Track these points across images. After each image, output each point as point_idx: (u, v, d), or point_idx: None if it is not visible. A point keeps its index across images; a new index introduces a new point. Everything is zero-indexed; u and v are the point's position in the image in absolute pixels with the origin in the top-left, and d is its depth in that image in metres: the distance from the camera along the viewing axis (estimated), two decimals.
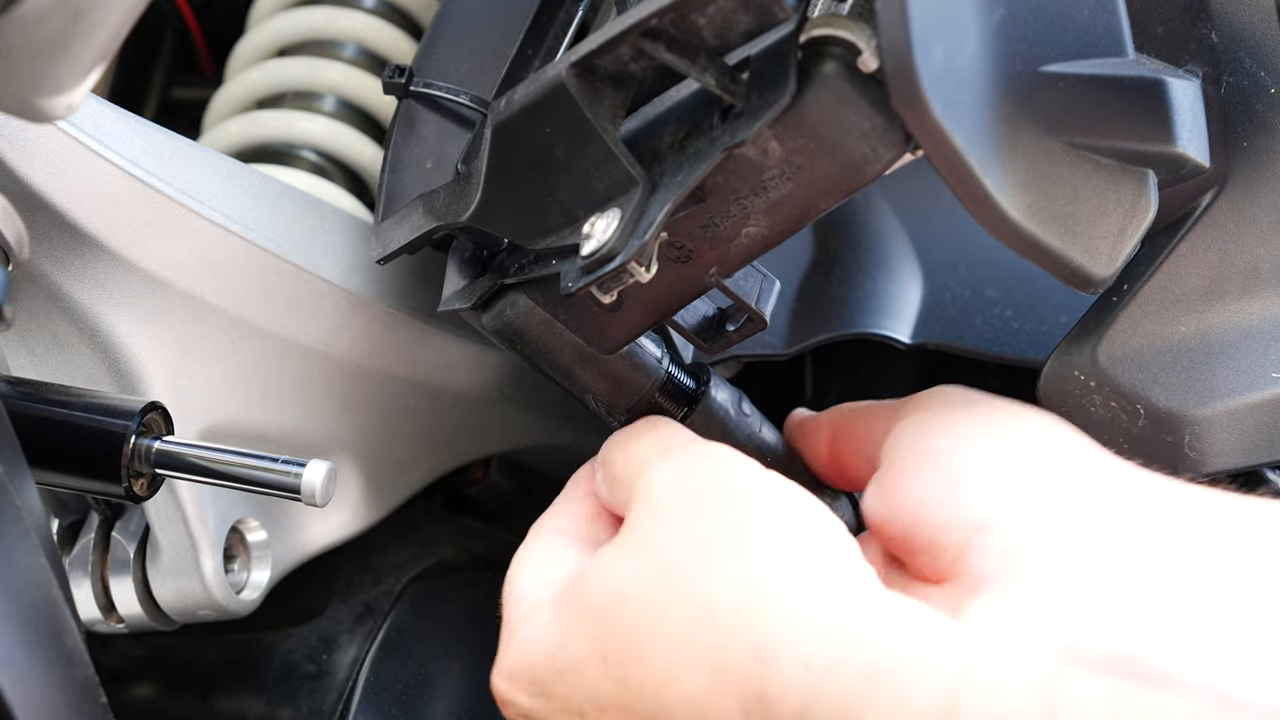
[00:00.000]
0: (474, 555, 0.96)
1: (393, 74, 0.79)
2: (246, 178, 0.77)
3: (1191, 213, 0.68)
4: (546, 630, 0.64)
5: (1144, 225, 0.63)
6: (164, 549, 0.77)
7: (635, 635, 0.61)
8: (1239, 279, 0.67)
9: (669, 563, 0.62)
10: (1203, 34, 0.68)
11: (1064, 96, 0.61)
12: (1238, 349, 0.66)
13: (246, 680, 0.88)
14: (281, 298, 0.77)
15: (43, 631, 0.55)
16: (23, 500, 0.57)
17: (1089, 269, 0.61)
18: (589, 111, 0.61)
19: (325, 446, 0.82)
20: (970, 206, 0.58)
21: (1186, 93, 0.65)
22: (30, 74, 0.55)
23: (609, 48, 0.60)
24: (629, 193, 0.62)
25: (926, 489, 0.65)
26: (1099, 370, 0.68)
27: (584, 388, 0.72)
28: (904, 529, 0.66)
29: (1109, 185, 0.62)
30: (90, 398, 0.66)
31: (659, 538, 0.63)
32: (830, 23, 0.58)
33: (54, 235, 0.69)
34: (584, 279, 0.62)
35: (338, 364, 0.81)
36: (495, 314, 0.69)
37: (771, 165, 0.61)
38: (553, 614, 0.64)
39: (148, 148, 0.71)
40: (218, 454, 0.66)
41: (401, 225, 0.74)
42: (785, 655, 0.58)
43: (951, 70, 0.56)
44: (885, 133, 0.59)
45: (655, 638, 0.61)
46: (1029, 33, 0.60)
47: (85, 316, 0.72)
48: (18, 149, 0.66)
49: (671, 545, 0.62)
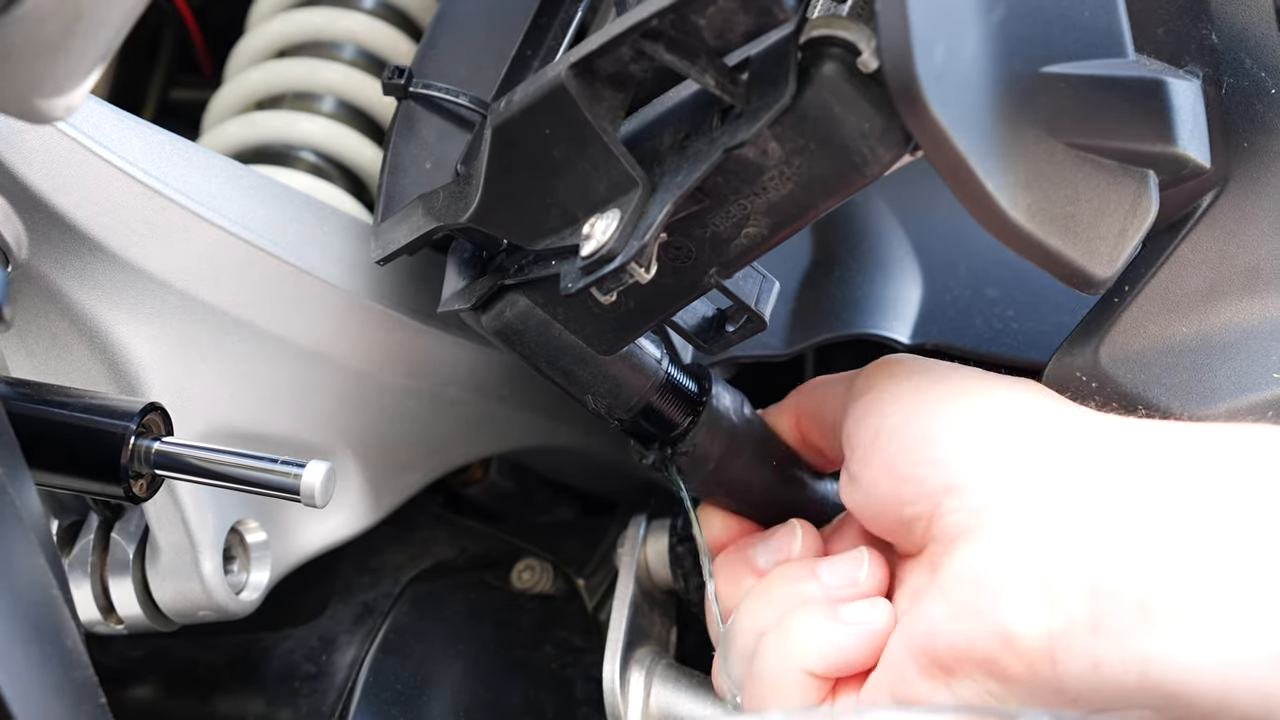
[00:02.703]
0: (473, 556, 0.96)
1: (392, 75, 0.79)
2: (246, 179, 0.77)
3: (1192, 213, 0.68)
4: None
5: (1145, 226, 0.63)
6: (163, 550, 0.76)
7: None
8: (1240, 279, 0.67)
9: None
10: (1203, 34, 0.68)
11: (1064, 97, 0.61)
12: (1239, 349, 0.66)
13: (246, 681, 0.88)
14: (280, 298, 0.77)
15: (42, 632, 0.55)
16: (22, 501, 0.57)
17: (1090, 270, 0.61)
18: (589, 112, 0.61)
19: (324, 447, 0.82)
20: (971, 207, 0.58)
21: (1187, 93, 0.65)
22: (30, 75, 0.55)
23: (609, 49, 0.60)
24: (629, 193, 0.62)
25: (888, 467, 0.66)
26: (1101, 371, 0.68)
27: (583, 388, 0.72)
28: (876, 512, 0.67)
29: (1110, 186, 0.62)
30: (90, 399, 0.66)
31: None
32: (830, 23, 0.58)
33: (53, 236, 0.68)
34: (583, 280, 0.62)
35: (337, 365, 0.80)
36: (495, 315, 0.69)
37: (771, 166, 0.61)
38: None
39: (147, 149, 0.71)
40: (217, 455, 0.66)
41: (401, 226, 0.74)
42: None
43: (952, 71, 0.56)
44: (885, 133, 0.59)
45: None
46: (1029, 33, 0.60)
47: (85, 317, 0.71)
48: (17, 150, 0.66)
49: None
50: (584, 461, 1.00)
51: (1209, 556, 0.57)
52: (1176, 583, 0.57)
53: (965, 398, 0.66)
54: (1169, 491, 0.59)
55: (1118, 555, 0.58)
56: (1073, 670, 0.58)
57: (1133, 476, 0.60)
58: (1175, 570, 0.57)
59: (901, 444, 0.66)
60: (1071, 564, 0.59)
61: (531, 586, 0.94)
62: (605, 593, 0.94)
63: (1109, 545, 0.59)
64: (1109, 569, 0.58)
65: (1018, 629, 0.59)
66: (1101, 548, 0.59)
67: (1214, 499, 0.58)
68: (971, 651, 0.61)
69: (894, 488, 0.66)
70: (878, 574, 0.70)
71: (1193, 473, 0.60)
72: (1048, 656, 0.59)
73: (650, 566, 0.87)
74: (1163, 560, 0.58)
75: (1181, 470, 0.60)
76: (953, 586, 0.62)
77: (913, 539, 0.66)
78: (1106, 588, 0.58)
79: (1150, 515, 0.59)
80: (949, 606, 0.62)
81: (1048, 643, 0.59)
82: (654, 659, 0.84)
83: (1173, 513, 0.59)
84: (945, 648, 0.62)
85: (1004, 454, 0.63)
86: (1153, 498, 0.59)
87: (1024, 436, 0.64)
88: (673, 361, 0.73)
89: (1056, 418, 0.65)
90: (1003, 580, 0.60)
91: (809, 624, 0.68)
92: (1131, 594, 0.57)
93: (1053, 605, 0.59)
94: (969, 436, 0.64)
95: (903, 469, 0.65)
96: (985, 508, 0.62)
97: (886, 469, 0.66)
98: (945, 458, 0.64)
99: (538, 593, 0.95)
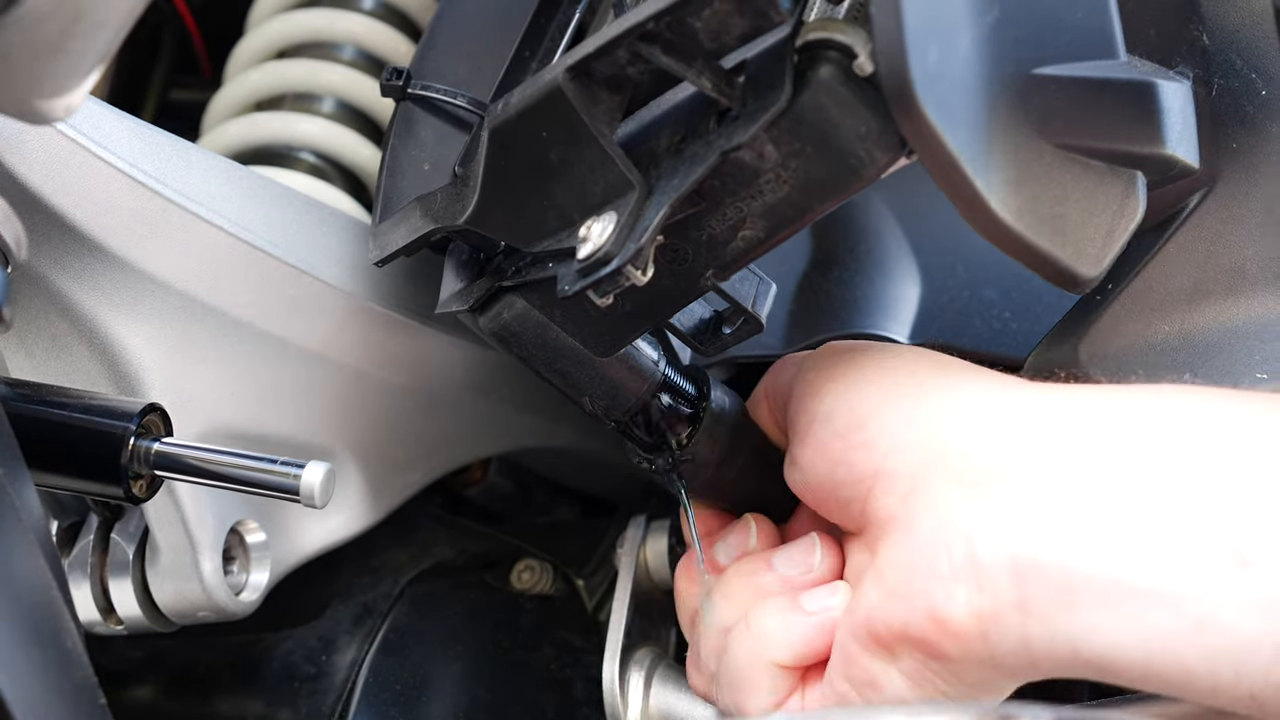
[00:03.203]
0: (473, 556, 0.96)
1: (390, 76, 0.79)
2: (245, 179, 0.77)
3: (1179, 213, 0.68)
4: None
5: (1131, 226, 0.63)
6: (163, 550, 0.77)
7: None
8: (1224, 279, 0.67)
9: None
10: (1194, 36, 0.68)
11: (1055, 99, 0.61)
12: (1222, 349, 0.67)
13: (245, 681, 0.88)
14: (280, 299, 0.77)
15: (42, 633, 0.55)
16: (22, 502, 0.57)
17: (1076, 269, 0.61)
18: (585, 115, 0.61)
19: (324, 448, 0.82)
20: (961, 208, 0.59)
21: (1177, 95, 0.65)
22: (30, 75, 0.55)
23: (605, 51, 0.60)
24: (625, 196, 0.62)
25: (822, 451, 0.67)
26: (1079, 367, 0.68)
27: (581, 390, 0.72)
28: (815, 495, 0.69)
29: (1098, 187, 0.62)
30: (89, 399, 0.66)
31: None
32: (826, 26, 0.59)
33: (53, 237, 0.69)
34: (580, 282, 0.62)
35: (336, 366, 0.81)
36: (492, 316, 0.69)
37: (767, 169, 0.61)
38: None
39: (147, 149, 0.71)
40: (217, 455, 0.66)
41: (399, 227, 0.74)
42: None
43: (945, 73, 0.56)
44: (881, 136, 0.59)
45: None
46: (1021, 35, 0.60)
47: (84, 318, 0.72)
48: (17, 151, 0.66)
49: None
50: (583, 462, 1.00)
51: (1127, 527, 0.58)
52: (1095, 558, 0.58)
53: (895, 377, 0.67)
54: (1086, 462, 0.60)
55: (1039, 532, 0.59)
56: (1005, 649, 0.60)
57: (1052, 449, 0.61)
58: (1093, 545, 0.58)
59: (833, 428, 0.67)
60: (995, 544, 0.60)
61: (531, 587, 0.94)
62: (605, 593, 0.94)
63: (1029, 520, 0.60)
64: (1031, 547, 0.59)
65: (948, 612, 0.61)
66: (1023, 525, 0.60)
67: (1129, 467, 0.59)
68: (908, 634, 0.62)
69: (828, 471, 0.67)
70: (829, 559, 0.71)
71: (1108, 440, 0.61)
72: (979, 636, 0.60)
73: (650, 567, 0.87)
74: (1081, 535, 0.59)
75: (1098, 439, 0.61)
76: (886, 570, 0.64)
77: (853, 521, 0.68)
78: (1029, 565, 0.59)
79: (1069, 488, 0.60)
80: (883, 589, 0.64)
81: (978, 624, 0.60)
82: (654, 659, 0.84)
83: (1090, 484, 0.59)
84: (884, 629, 0.63)
85: (929, 435, 0.64)
86: (1071, 470, 0.60)
87: (950, 413, 0.64)
88: (670, 363, 0.73)
89: (987, 392, 0.65)
90: (931, 564, 0.61)
91: (773, 617, 0.69)
92: (1054, 572, 0.59)
93: (980, 588, 0.60)
94: (896, 418, 0.65)
95: (834, 453, 0.67)
96: (913, 491, 0.63)
97: (821, 452, 0.68)
98: (873, 441, 0.65)
99: (537, 593, 0.95)
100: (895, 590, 0.63)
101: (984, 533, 0.60)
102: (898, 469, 0.64)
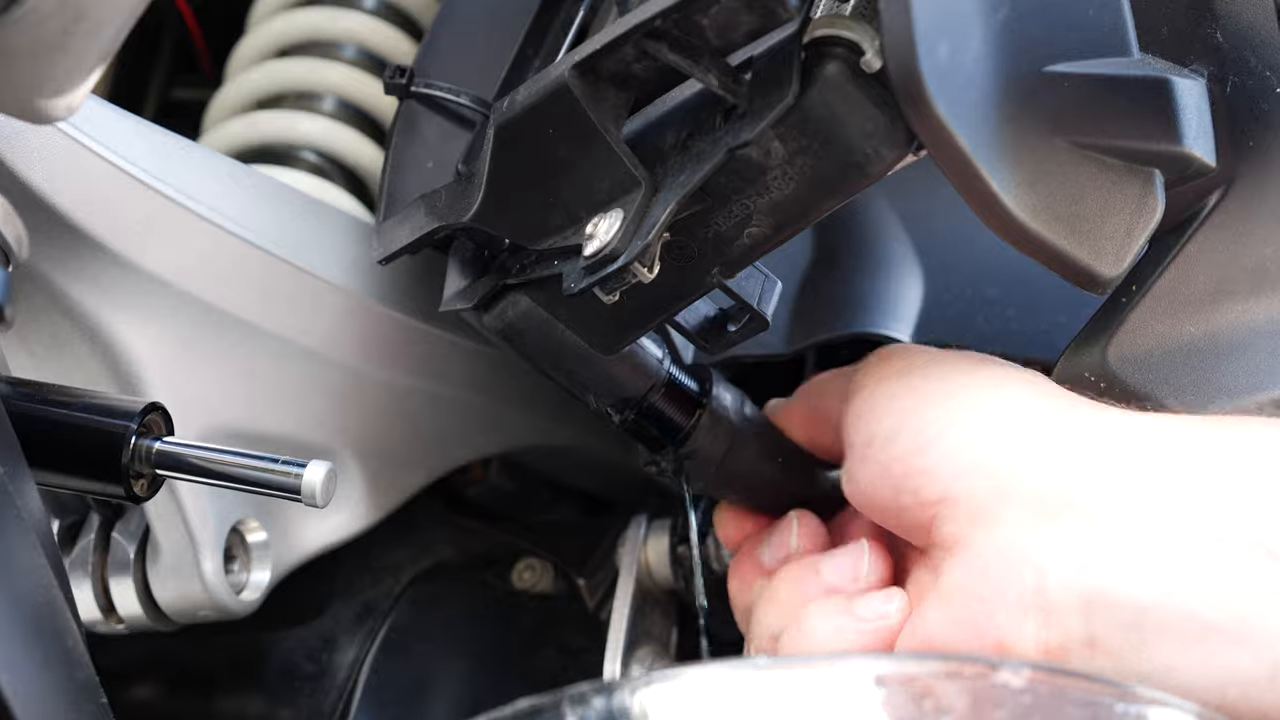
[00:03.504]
0: (473, 556, 0.96)
1: (393, 74, 0.79)
2: (247, 179, 0.77)
3: (1198, 213, 0.68)
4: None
5: (1151, 225, 0.63)
6: (164, 550, 0.76)
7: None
8: (1247, 279, 0.67)
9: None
10: (1208, 33, 0.68)
11: (1069, 96, 0.61)
12: (1246, 349, 0.66)
13: (247, 680, 0.88)
14: (281, 298, 0.77)
15: (43, 632, 0.55)
16: (23, 501, 0.57)
17: (1096, 269, 0.61)
18: (592, 112, 0.61)
19: (325, 447, 0.82)
20: (976, 206, 0.58)
21: (1192, 92, 0.65)
22: (30, 75, 0.55)
23: (612, 49, 0.60)
24: (632, 193, 0.62)
25: (884, 473, 0.66)
26: (1109, 372, 0.68)
27: (585, 388, 0.72)
28: (876, 512, 0.67)
29: (1115, 185, 0.62)
30: (90, 398, 0.66)
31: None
32: (833, 23, 0.58)
33: (54, 236, 0.68)
34: (586, 279, 0.62)
35: (338, 365, 0.80)
36: (497, 314, 0.69)
37: (774, 166, 0.61)
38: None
39: (148, 148, 0.71)
40: (218, 454, 0.66)
41: (403, 226, 0.74)
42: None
43: (956, 70, 0.56)
44: (888, 133, 0.59)
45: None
46: (1033, 32, 0.60)
47: (85, 317, 0.71)
48: (18, 150, 0.66)
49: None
50: (584, 461, 1.00)
51: (1204, 565, 0.57)
52: (1170, 595, 0.57)
53: (957, 398, 0.65)
54: (1161, 493, 0.59)
55: (1111, 565, 0.58)
56: None
57: (1126, 478, 0.60)
58: (1168, 581, 0.57)
59: (894, 451, 0.65)
60: (1065, 576, 0.59)
61: (532, 586, 0.94)
62: (606, 593, 0.94)
63: (1101, 555, 0.58)
64: (1102, 581, 0.58)
65: (1014, 644, 0.59)
66: (1094, 557, 0.58)
67: (1210, 501, 0.58)
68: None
69: (893, 495, 0.66)
70: (879, 567, 0.70)
71: (1185, 472, 0.59)
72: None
73: (651, 567, 0.87)
74: (1155, 570, 0.57)
75: (1174, 469, 0.60)
76: (951, 595, 0.62)
77: (917, 539, 0.66)
78: (1100, 601, 0.58)
79: (1143, 520, 0.58)
80: (947, 615, 0.62)
81: (1045, 658, 0.59)
82: (654, 659, 0.84)
83: (1165, 517, 0.58)
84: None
85: (996, 460, 0.63)
86: (1146, 501, 0.59)
87: (1017, 439, 0.63)
88: (674, 361, 0.73)
89: (1051, 415, 0.64)
90: (997, 594, 0.60)
91: (826, 622, 0.68)
92: (1126, 609, 0.57)
93: (1048, 621, 0.59)
94: (961, 442, 0.64)
95: (896, 477, 0.65)
96: (979, 518, 0.62)
97: (882, 474, 0.66)
98: (936, 467, 0.64)
99: (538, 593, 0.94)
100: (959, 616, 0.61)
101: (1055, 564, 0.59)
102: (961, 495, 0.63)
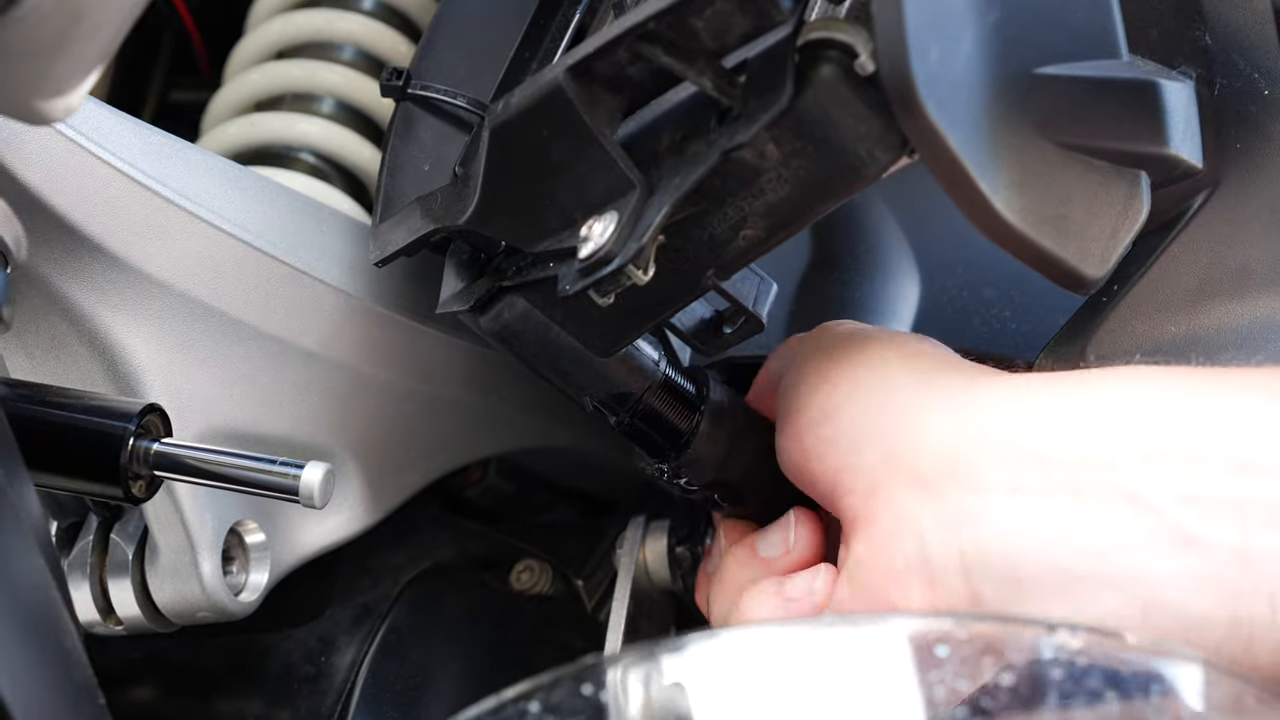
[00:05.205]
0: (472, 557, 0.96)
1: (390, 76, 0.79)
2: (245, 180, 0.77)
3: (1183, 214, 0.68)
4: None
5: (1136, 226, 0.63)
6: (162, 551, 0.76)
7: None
8: (1230, 280, 0.67)
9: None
10: (1196, 36, 0.69)
11: (1058, 98, 0.61)
12: (1227, 350, 0.67)
13: (245, 682, 0.88)
14: (279, 300, 0.77)
15: (41, 633, 0.55)
16: (21, 502, 0.57)
17: (1081, 270, 0.61)
18: (586, 115, 0.61)
19: (323, 448, 0.82)
20: (964, 208, 0.59)
21: (1180, 94, 0.65)
22: (29, 76, 0.55)
23: (606, 51, 0.60)
24: (626, 195, 0.62)
25: (797, 441, 0.67)
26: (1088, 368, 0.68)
27: (581, 390, 0.72)
28: (804, 487, 0.68)
29: (1102, 187, 0.62)
30: (89, 400, 0.66)
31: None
32: (827, 26, 0.59)
33: (52, 237, 0.69)
34: (581, 281, 0.62)
35: (336, 366, 0.81)
36: (493, 316, 0.69)
37: (769, 168, 0.61)
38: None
39: (146, 150, 0.71)
40: (216, 456, 0.66)
41: (399, 228, 0.74)
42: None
43: (947, 73, 0.56)
44: (882, 136, 0.59)
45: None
46: (1023, 35, 0.60)
47: (84, 319, 0.71)
48: (16, 151, 0.66)
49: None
50: (583, 462, 1.00)
51: (1066, 516, 0.58)
52: (1036, 548, 0.58)
53: (862, 369, 0.67)
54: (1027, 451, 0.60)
55: (984, 526, 0.60)
56: None
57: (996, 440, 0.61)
58: (1038, 536, 0.58)
59: (805, 419, 0.67)
60: (943, 540, 0.60)
61: (530, 587, 0.94)
62: (604, 594, 0.94)
63: (975, 517, 0.60)
64: (977, 542, 0.60)
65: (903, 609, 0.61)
66: (969, 520, 0.60)
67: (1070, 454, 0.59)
68: None
69: (802, 463, 0.67)
70: (806, 535, 0.71)
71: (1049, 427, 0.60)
72: None
73: (649, 568, 0.87)
74: (1026, 527, 0.59)
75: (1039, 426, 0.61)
76: (853, 567, 0.64)
77: (835, 511, 0.67)
78: (977, 562, 0.59)
79: (1011, 480, 0.60)
80: (851, 587, 0.64)
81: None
82: None
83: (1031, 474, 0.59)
84: None
85: (886, 431, 0.64)
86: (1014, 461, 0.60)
87: (905, 410, 0.64)
88: (670, 363, 0.73)
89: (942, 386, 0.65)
90: (887, 564, 0.62)
91: (758, 605, 0.70)
92: (1001, 566, 0.59)
93: (933, 585, 0.60)
94: (859, 414, 0.65)
95: (806, 444, 0.67)
96: (873, 489, 0.63)
97: (795, 442, 0.68)
98: (837, 436, 0.65)
99: (536, 594, 0.95)
100: (859, 588, 0.63)
101: (934, 530, 0.61)
102: (859, 465, 0.64)
